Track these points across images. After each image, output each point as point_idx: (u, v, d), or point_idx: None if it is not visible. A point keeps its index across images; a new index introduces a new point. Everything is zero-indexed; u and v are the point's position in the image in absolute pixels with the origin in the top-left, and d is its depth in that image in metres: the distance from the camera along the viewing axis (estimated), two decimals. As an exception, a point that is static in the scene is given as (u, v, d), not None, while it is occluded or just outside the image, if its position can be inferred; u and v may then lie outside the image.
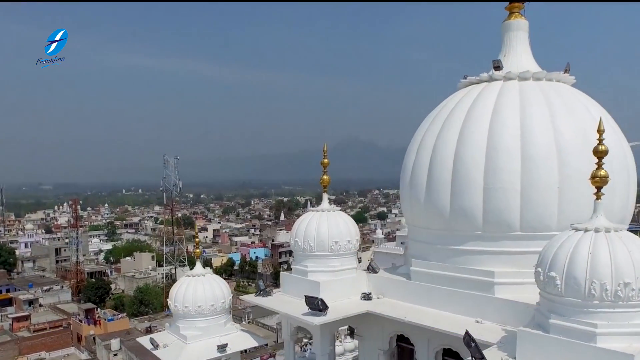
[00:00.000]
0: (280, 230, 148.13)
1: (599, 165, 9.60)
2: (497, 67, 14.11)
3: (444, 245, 13.55)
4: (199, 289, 15.72)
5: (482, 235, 12.75)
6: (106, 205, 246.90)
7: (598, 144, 9.61)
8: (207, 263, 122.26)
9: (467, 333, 10.09)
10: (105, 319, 72.79)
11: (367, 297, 15.09)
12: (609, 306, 8.69)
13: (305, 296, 13.89)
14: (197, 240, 17.05)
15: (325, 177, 16.20)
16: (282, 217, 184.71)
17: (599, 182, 9.58)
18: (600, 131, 9.59)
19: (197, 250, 16.65)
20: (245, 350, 19.73)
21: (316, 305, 13.59)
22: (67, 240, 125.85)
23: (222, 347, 15.03)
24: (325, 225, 15.24)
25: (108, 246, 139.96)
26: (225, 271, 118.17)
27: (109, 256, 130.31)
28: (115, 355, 60.92)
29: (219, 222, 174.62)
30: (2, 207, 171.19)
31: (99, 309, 79.87)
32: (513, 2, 14.96)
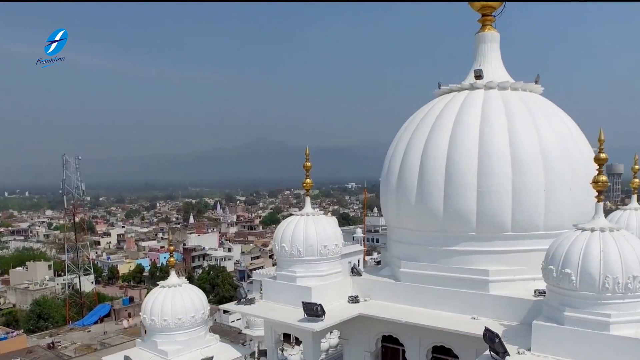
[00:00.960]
0: (191, 233, 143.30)
1: (600, 172, 10.62)
2: (479, 77, 14.97)
3: (437, 246, 14.07)
4: (177, 301, 14.71)
5: (475, 236, 13.45)
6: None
7: (599, 152, 10.62)
8: (112, 270, 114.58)
9: (487, 329, 10.59)
10: (-4, 338, 65.02)
11: (354, 300, 15.20)
12: (619, 297, 9.67)
13: (303, 302, 13.65)
14: (171, 248, 15.86)
15: (308, 180, 15.98)
16: (191, 220, 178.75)
17: (600, 186, 10.61)
18: (601, 141, 10.61)
19: (172, 259, 15.53)
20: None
21: (315, 311, 13.43)
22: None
23: (207, 361, 14.22)
24: (313, 230, 15.08)
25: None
26: (135, 278, 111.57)
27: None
28: (16, 377, 54.64)
29: (123, 227, 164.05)
30: None
31: (-13, 327, 71.18)
32: (485, 16, 15.97)
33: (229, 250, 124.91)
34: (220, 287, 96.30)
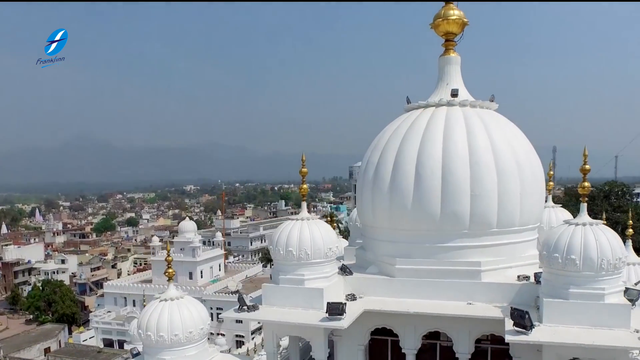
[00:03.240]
0: (7, 245, 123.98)
1: (584, 179, 13.65)
2: (455, 95, 17.28)
3: (432, 243, 15.87)
4: (185, 313, 13.91)
5: (467, 233, 15.60)
6: None
7: (584, 164, 13.61)
8: None
9: (515, 309, 12.75)
10: None
11: (352, 297, 16.15)
12: (610, 274, 12.72)
13: (328, 303, 14.22)
14: (169, 258, 14.64)
15: (304, 186, 16.38)
16: (4, 230, 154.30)
17: (585, 190, 13.68)
18: (585, 155, 13.62)
19: (171, 270, 14.42)
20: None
21: (340, 310, 14.13)
22: None
23: (222, 373, 13.76)
24: (318, 233, 15.59)
25: None
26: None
27: None
28: None
29: None
30: None
31: None
32: (448, 40, 18.44)
33: (63, 262, 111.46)
34: (59, 303, 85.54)
